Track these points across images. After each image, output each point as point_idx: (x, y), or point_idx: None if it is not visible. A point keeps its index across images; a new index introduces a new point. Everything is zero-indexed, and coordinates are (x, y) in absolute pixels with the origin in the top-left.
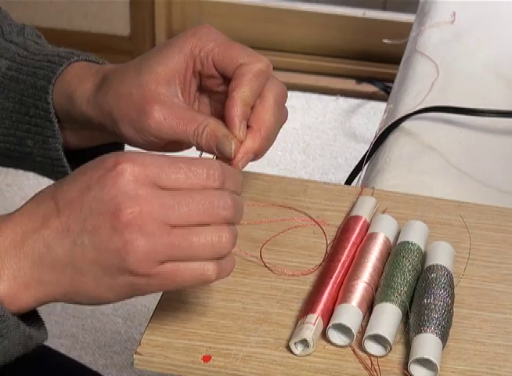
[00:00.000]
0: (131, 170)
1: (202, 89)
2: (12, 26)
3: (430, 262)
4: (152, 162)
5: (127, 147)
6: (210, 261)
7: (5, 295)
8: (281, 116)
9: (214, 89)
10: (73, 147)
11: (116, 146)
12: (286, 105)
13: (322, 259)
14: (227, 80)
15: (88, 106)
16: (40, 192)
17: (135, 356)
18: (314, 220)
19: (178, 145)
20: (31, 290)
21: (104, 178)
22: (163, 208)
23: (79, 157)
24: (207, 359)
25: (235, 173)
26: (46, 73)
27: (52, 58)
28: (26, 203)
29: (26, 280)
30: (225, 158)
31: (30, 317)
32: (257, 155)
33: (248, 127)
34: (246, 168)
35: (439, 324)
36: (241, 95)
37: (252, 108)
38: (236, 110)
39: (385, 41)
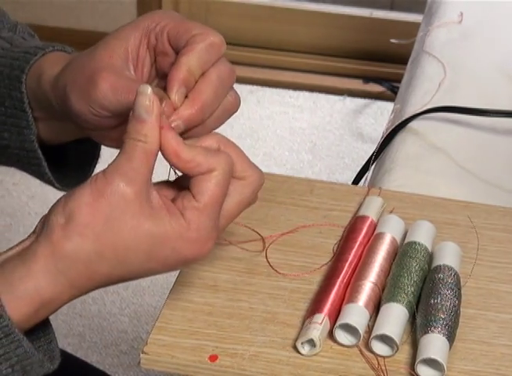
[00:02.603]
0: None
1: (159, 75)
2: (4, 23)
3: (437, 262)
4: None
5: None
6: None
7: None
8: (223, 96)
9: (166, 69)
10: (47, 140)
11: (93, 147)
12: (293, 104)
13: (328, 259)
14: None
15: (51, 86)
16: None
17: (141, 355)
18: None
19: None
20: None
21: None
22: (218, 196)
23: (55, 154)
24: (213, 358)
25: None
26: (21, 63)
27: (30, 49)
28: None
29: (67, 297)
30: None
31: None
32: (187, 127)
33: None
34: None
35: (446, 324)
36: (187, 61)
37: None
38: (178, 74)
39: (392, 41)
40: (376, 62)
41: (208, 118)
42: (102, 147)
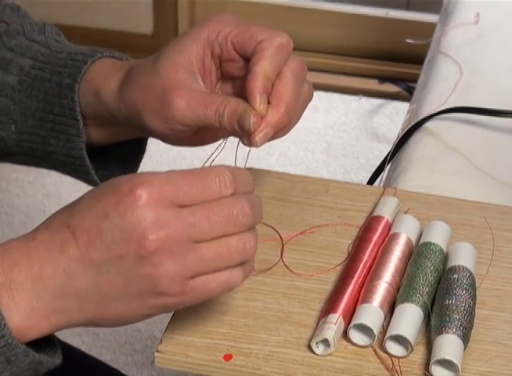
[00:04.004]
0: (149, 193)
1: (224, 77)
2: (32, 25)
3: (452, 262)
4: (166, 181)
5: (149, 143)
6: (236, 267)
7: (22, 326)
8: (301, 92)
9: (235, 74)
10: (96, 143)
11: (138, 142)
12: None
13: (343, 259)
14: (247, 63)
15: (114, 102)
16: (51, 217)
17: (156, 354)
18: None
19: (205, 134)
20: (51, 320)
21: (122, 205)
22: (185, 227)
23: (101, 154)
24: (228, 358)
25: (244, 172)
26: (71, 71)
27: (76, 56)
28: (39, 229)
29: (45, 311)
30: (246, 134)
31: (46, 341)
32: (277, 131)
33: (268, 103)
34: (268, 167)
35: (461, 325)
36: (262, 68)
37: (272, 85)
38: (257, 83)
39: (409, 41)
40: (392, 62)
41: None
42: None
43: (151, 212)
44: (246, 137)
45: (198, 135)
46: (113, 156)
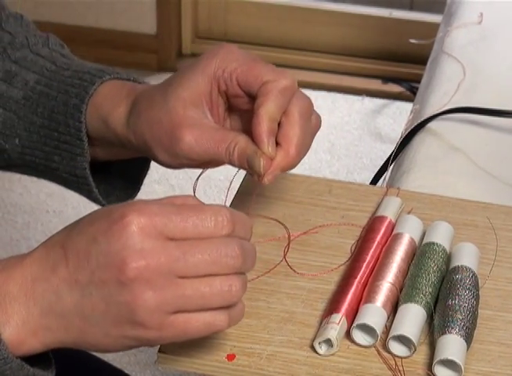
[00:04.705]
0: (138, 222)
1: (232, 110)
2: (36, 37)
3: (455, 263)
4: (159, 212)
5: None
6: (220, 310)
7: (13, 340)
8: (309, 128)
9: (242, 108)
10: (101, 160)
11: (143, 159)
12: None
13: (346, 259)
14: (253, 98)
15: (122, 130)
16: (51, 236)
17: (158, 354)
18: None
19: (213, 164)
20: (39, 336)
21: (111, 231)
22: (169, 260)
23: (104, 168)
24: (231, 357)
25: (244, 218)
26: (78, 91)
27: (83, 75)
28: (38, 247)
29: (35, 326)
30: (255, 174)
31: (40, 354)
32: (285, 170)
33: (277, 144)
34: None
35: (464, 325)
36: (267, 111)
37: (279, 125)
38: (263, 127)
39: (412, 41)
40: (395, 62)
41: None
42: None
43: (136, 240)
44: (255, 176)
45: (204, 164)
46: (116, 171)
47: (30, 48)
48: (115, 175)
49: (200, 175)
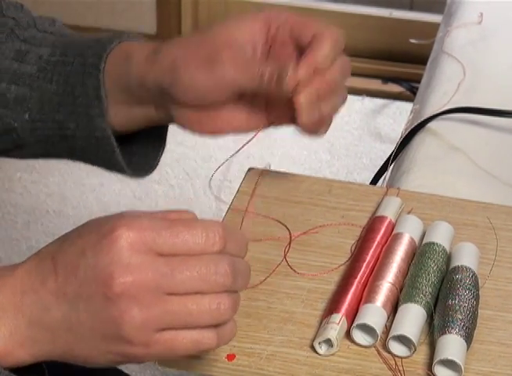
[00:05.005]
0: (127, 236)
1: (270, 58)
2: (42, 18)
3: (455, 263)
4: (149, 226)
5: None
6: (209, 328)
7: (1, 351)
8: (343, 86)
9: (280, 59)
10: (116, 131)
11: (158, 135)
12: None
13: (346, 259)
14: (299, 48)
15: (147, 63)
16: (43, 247)
17: None
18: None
19: (226, 119)
20: (27, 348)
21: (99, 245)
22: (157, 276)
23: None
24: (231, 357)
25: (238, 235)
26: (96, 50)
27: (101, 38)
28: (29, 258)
29: (21, 338)
30: (284, 92)
31: (34, 365)
32: (319, 98)
33: None
34: (271, 168)
35: (464, 325)
36: (314, 58)
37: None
38: (308, 59)
39: (412, 41)
40: (395, 62)
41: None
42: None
43: (124, 256)
44: (288, 92)
45: (221, 118)
46: (136, 141)
47: (37, 27)
48: (135, 144)
49: (219, 167)
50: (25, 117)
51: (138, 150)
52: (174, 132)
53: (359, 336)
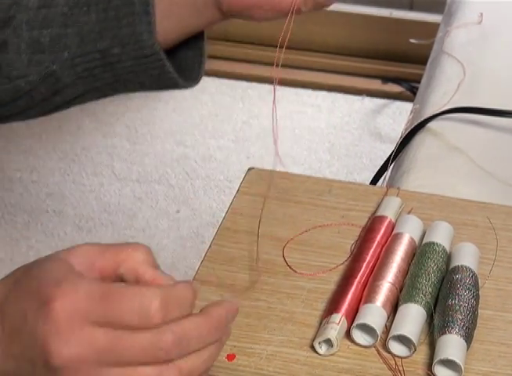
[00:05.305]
0: (62, 309)
1: None
2: None
3: (455, 262)
4: (84, 297)
5: (153, 143)
6: None
7: None
8: None
9: None
10: (163, 42)
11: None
12: (311, 104)
13: (346, 259)
14: None
15: None
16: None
17: None
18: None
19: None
20: None
21: (38, 312)
22: (96, 351)
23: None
24: (231, 357)
25: (180, 293)
26: None
27: None
28: None
29: None
30: None
31: None
32: None
33: None
34: (271, 167)
35: (464, 325)
36: None
37: None
38: None
39: (412, 41)
40: (395, 62)
41: None
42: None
43: (61, 328)
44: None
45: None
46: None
47: None
48: (176, 54)
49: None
50: (64, 55)
51: (182, 60)
52: (174, 132)
53: (359, 336)
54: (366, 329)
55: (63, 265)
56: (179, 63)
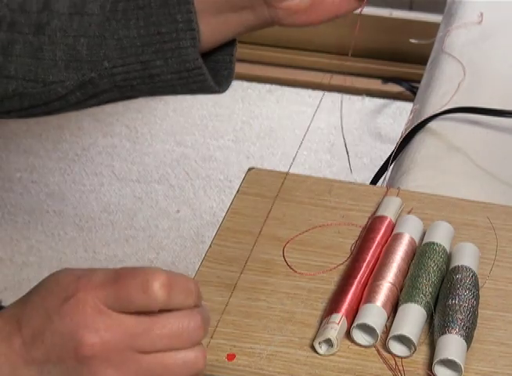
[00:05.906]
0: (85, 300)
1: None
2: None
3: (455, 262)
4: (102, 284)
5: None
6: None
7: None
8: None
9: None
10: (204, 47)
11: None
12: (311, 104)
13: (346, 259)
14: None
15: None
16: (8, 308)
17: None
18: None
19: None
20: None
21: (63, 309)
22: (127, 336)
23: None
24: (231, 357)
25: (183, 279)
26: None
27: None
28: None
29: None
30: None
31: None
32: None
33: None
34: (271, 167)
35: (464, 325)
36: None
37: None
38: None
39: (412, 41)
40: (396, 62)
41: None
42: None
43: (88, 319)
44: None
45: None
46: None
47: None
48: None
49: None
50: (103, 64)
51: (214, 65)
52: (174, 132)
53: (359, 336)
54: (366, 329)
55: (72, 270)
56: (208, 66)
